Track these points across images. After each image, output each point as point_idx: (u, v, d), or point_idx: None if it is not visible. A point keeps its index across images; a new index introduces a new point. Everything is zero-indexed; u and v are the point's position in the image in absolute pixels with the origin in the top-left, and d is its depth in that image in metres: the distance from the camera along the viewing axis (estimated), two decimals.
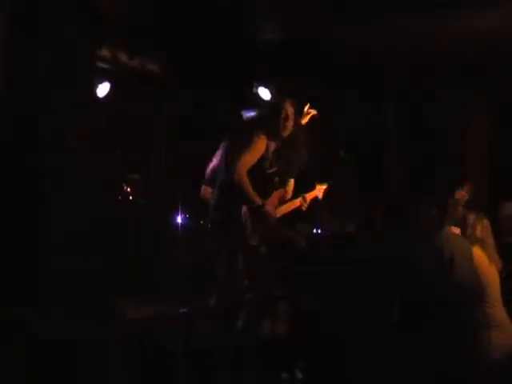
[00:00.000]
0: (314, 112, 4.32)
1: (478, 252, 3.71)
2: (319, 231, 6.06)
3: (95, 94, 4.36)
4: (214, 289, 3.95)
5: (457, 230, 3.83)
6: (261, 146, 3.90)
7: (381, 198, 3.97)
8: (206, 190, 4.23)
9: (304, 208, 4.31)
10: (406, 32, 5.90)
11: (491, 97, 7.13)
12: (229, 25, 5.67)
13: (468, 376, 3.32)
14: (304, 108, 4.28)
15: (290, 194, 4.20)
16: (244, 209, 3.82)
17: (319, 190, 4.48)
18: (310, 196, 4.38)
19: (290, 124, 4.00)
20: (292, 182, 4.19)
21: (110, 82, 4.94)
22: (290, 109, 4.00)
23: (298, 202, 4.28)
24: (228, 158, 3.89)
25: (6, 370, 2.71)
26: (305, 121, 4.28)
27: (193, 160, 4.23)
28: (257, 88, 6.45)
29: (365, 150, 6.72)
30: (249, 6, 5.52)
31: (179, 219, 5.65)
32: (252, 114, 4.38)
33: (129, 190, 5.30)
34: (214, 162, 4.16)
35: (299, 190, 4.33)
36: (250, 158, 3.84)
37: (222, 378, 3.59)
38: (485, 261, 3.71)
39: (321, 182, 4.51)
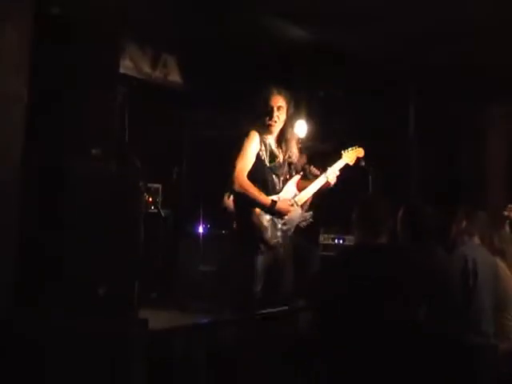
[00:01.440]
0: (360, 154, 4.07)
1: (500, 263, 3.68)
2: (341, 241, 5.86)
3: (117, 103, 4.28)
4: (232, 297, 3.87)
5: (478, 241, 3.76)
6: (253, 144, 3.69)
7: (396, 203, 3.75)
8: (229, 199, 4.18)
9: (333, 184, 3.89)
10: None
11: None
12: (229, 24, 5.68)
13: None
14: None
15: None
16: (258, 212, 3.65)
17: (348, 157, 3.99)
18: (337, 167, 3.94)
19: (280, 116, 3.75)
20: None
21: (127, 90, 4.93)
22: (276, 100, 3.74)
23: (322, 180, 3.90)
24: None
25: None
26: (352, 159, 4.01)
27: (216, 167, 4.14)
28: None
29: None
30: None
31: (201, 229, 5.64)
32: None
33: (150, 199, 5.27)
34: None
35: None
36: (244, 160, 3.67)
37: None
38: (507, 272, 3.67)
39: (346, 149, 4.02)
